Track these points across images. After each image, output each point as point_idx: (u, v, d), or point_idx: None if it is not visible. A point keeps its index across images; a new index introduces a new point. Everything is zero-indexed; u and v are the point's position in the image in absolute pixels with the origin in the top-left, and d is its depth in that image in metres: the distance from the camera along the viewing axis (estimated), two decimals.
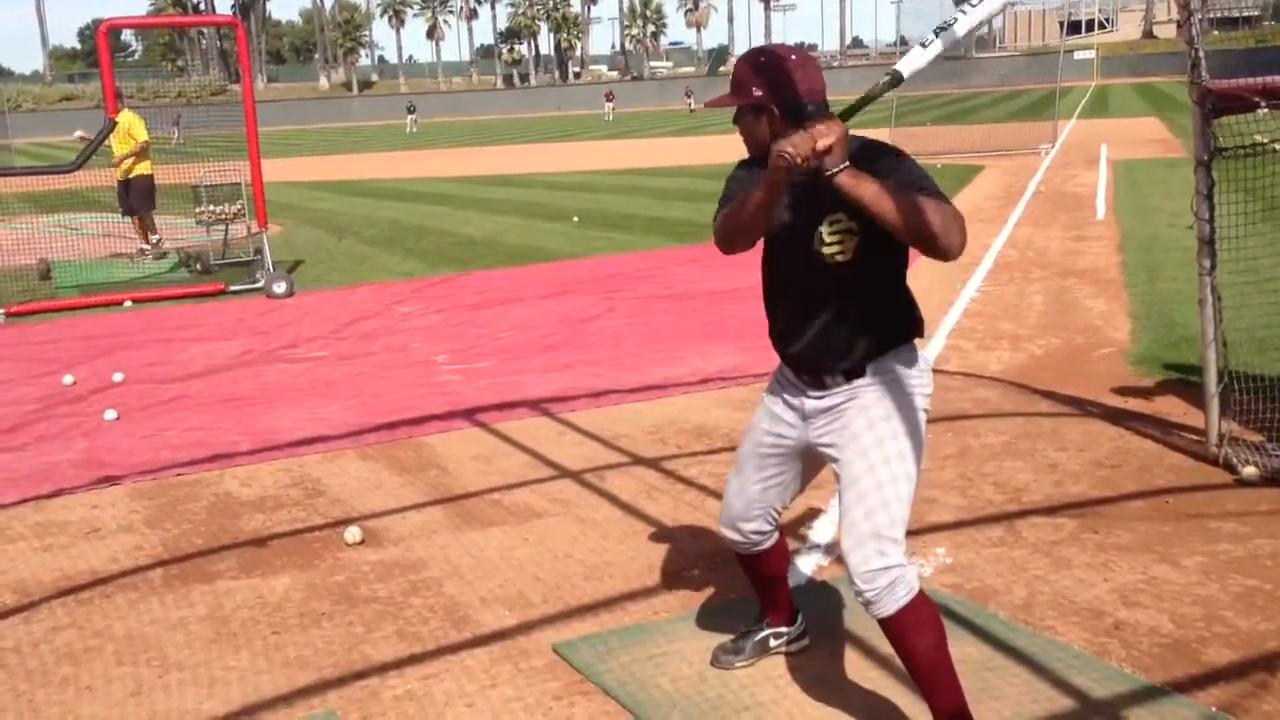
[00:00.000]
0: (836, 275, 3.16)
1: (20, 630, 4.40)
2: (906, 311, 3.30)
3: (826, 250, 3.14)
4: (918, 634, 3.09)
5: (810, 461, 3.45)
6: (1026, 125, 30.84)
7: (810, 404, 3.32)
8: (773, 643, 3.88)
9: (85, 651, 4.19)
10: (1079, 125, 34.04)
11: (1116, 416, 6.46)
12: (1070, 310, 9.49)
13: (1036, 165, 22.41)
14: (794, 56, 3.17)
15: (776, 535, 3.68)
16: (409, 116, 64.77)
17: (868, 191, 2.90)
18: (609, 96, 69.44)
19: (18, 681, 3.98)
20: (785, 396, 3.41)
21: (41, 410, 7.69)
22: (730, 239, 3.25)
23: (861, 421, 3.19)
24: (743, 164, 3.37)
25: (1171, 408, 6.54)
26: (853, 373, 3.23)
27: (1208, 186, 5.63)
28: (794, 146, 2.84)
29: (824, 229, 3.13)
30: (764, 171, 3.07)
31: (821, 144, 2.83)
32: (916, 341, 3.31)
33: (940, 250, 2.93)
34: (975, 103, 49.53)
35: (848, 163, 2.90)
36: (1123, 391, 6.94)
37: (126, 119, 14.11)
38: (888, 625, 3.11)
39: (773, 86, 3.12)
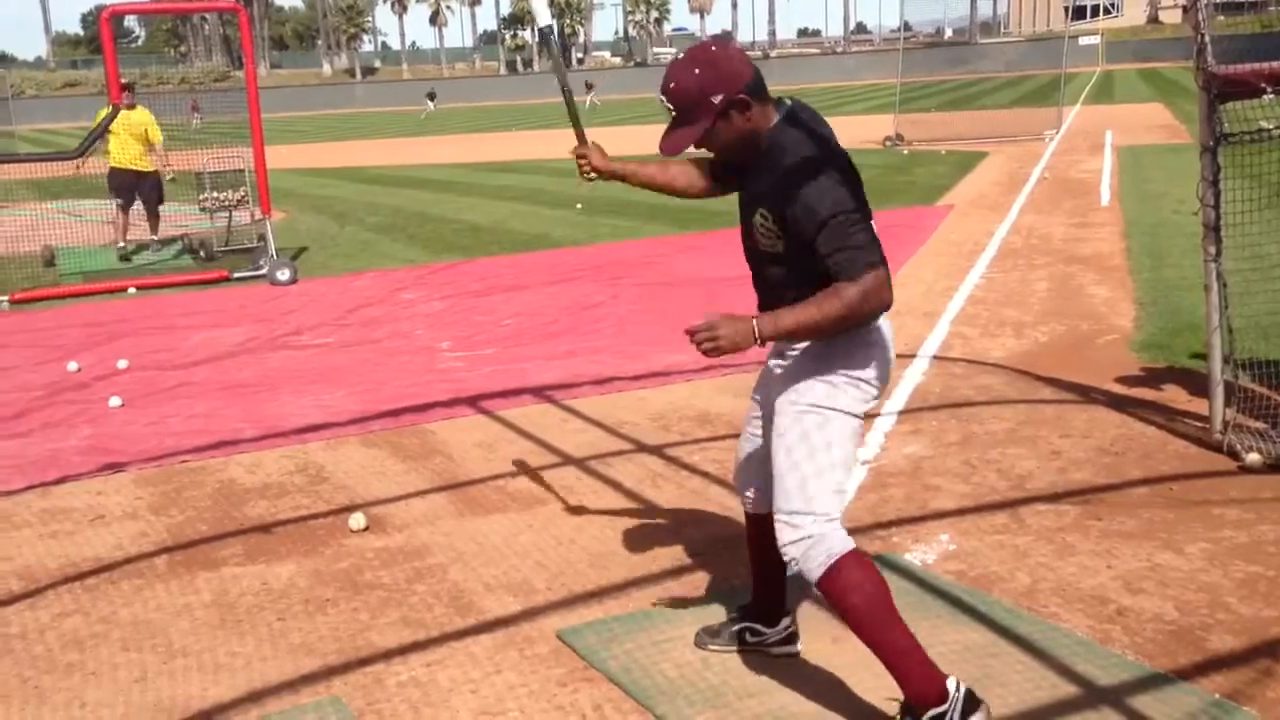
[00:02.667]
0: (776, 259, 3.25)
1: (26, 616, 4.42)
2: None
3: (759, 238, 3.25)
4: (844, 596, 3.14)
5: None
6: (1031, 111, 30.79)
7: (772, 364, 3.49)
8: (749, 638, 3.86)
9: (91, 638, 4.20)
10: (1084, 111, 33.95)
11: (1120, 403, 6.46)
12: (1074, 297, 9.48)
13: (1041, 151, 22.36)
14: (715, 48, 3.17)
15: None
16: (429, 103, 64.94)
17: (790, 329, 3.07)
18: (590, 85, 68.39)
19: (24, 668, 3.99)
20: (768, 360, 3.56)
21: (46, 397, 7.70)
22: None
23: (780, 394, 3.31)
24: None
25: (1175, 394, 6.54)
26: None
27: (1213, 172, 5.62)
28: (700, 338, 3.05)
29: (756, 219, 3.24)
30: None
31: (710, 346, 3.05)
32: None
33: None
34: (980, 88, 49.41)
35: (755, 327, 3.05)
36: (1127, 378, 6.93)
37: (144, 119, 14.05)
38: (821, 593, 3.20)
39: (726, 80, 3.10)
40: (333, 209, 18.89)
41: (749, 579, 3.95)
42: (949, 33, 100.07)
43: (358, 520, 5.18)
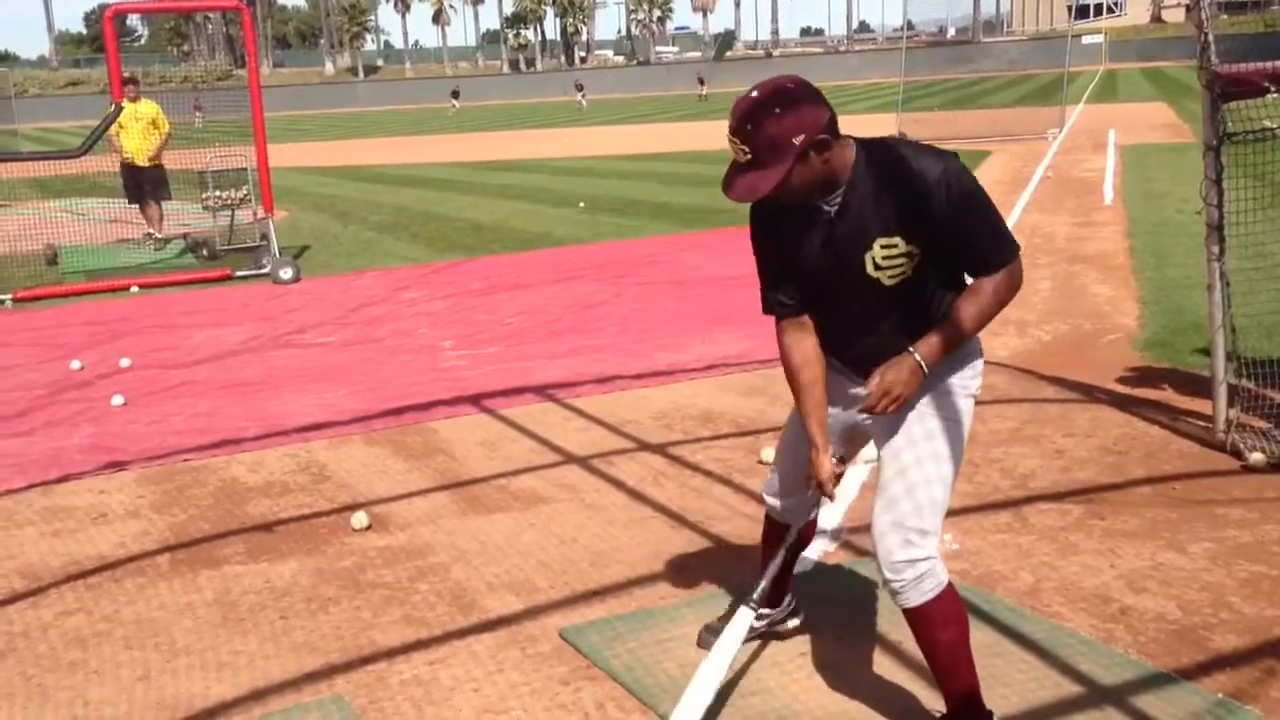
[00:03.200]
0: (891, 293, 3.05)
1: (29, 615, 4.41)
2: None
3: (880, 275, 3.02)
4: (941, 628, 3.10)
5: (853, 438, 3.42)
6: (1034, 110, 30.77)
7: (858, 390, 3.25)
8: (755, 624, 3.80)
9: (94, 636, 4.20)
10: (1087, 110, 33.93)
11: (1124, 402, 6.45)
12: (1078, 296, 9.47)
13: (1044, 150, 22.34)
14: (792, 85, 2.92)
15: (814, 514, 3.66)
16: (454, 101, 65.57)
17: (949, 348, 3.01)
18: (579, 86, 68.45)
19: (27, 666, 3.99)
20: (833, 379, 3.33)
21: (49, 396, 7.70)
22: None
23: (902, 417, 3.14)
24: (759, 216, 3.21)
25: (1179, 394, 6.53)
26: None
27: (1216, 172, 5.61)
28: (883, 405, 2.99)
29: (876, 255, 3.00)
30: (785, 218, 3.11)
31: (893, 404, 2.99)
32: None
33: None
34: (983, 87, 49.40)
35: (919, 362, 2.98)
36: (1130, 377, 6.93)
37: (152, 109, 14.18)
38: (911, 616, 3.12)
39: (808, 120, 2.87)
40: (335, 208, 18.90)
41: (752, 577, 3.94)
42: (952, 31, 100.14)
43: (360, 519, 5.18)
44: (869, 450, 5.74)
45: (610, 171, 23.08)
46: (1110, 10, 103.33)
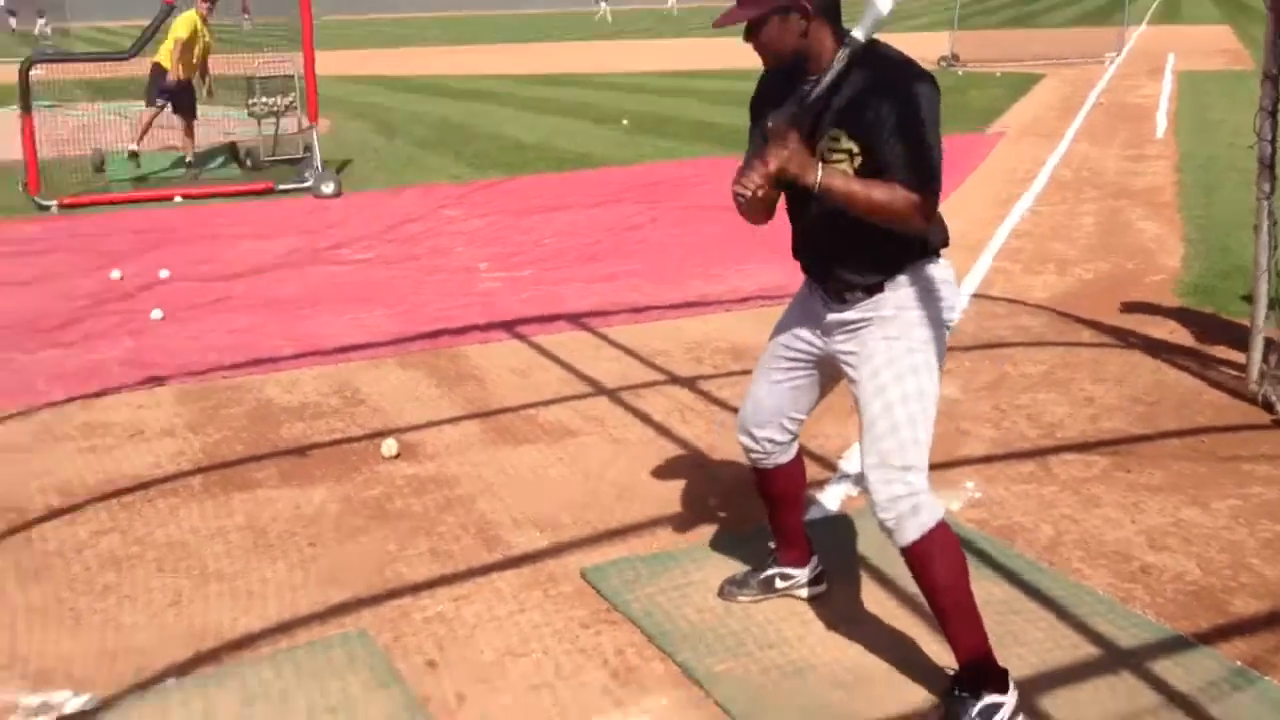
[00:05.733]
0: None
1: (65, 533, 4.51)
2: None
3: (830, 165, 3.06)
4: (937, 562, 3.09)
5: (828, 371, 3.40)
6: (1092, 31, 30.05)
7: (831, 316, 3.27)
8: (779, 583, 3.85)
9: (127, 558, 4.28)
10: (1148, 31, 33.11)
11: (1158, 349, 6.38)
12: (1122, 233, 9.33)
13: (1099, 75, 21.87)
14: None
15: (792, 453, 3.62)
16: (602, 4, 60.78)
17: (839, 194, 2.98)
18: None
19: (60, 589, 4.07)
20: (810, 303, 3.37)
21: (91, 306, 7.80)
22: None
23: (875, 341, 3.15)
24: (764, 81, 3.32)
25: (1215, 341, 6.45)
26: (872, 288, 3.17)
27: (1273, 102, 5.43)
28: (744, 186, 3.00)
29: (824, 146, 3.06)
30: (776, 87, 3.23)
31: (774, 168, 2.96)
32: (942, 255, 3.22)
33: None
34: (1042, 4, 48.24)
35: (819, 168, 2.97)
36: (1168, 322, 6.84)
37: (180, 24, 13.46)
38: (908, 554, 3.11)
39: None
40: (378, 118, 18.82)
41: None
42: None
43: (390, 446, 5.23)
44: None
45: (652, 88, 22.84)
46: None
